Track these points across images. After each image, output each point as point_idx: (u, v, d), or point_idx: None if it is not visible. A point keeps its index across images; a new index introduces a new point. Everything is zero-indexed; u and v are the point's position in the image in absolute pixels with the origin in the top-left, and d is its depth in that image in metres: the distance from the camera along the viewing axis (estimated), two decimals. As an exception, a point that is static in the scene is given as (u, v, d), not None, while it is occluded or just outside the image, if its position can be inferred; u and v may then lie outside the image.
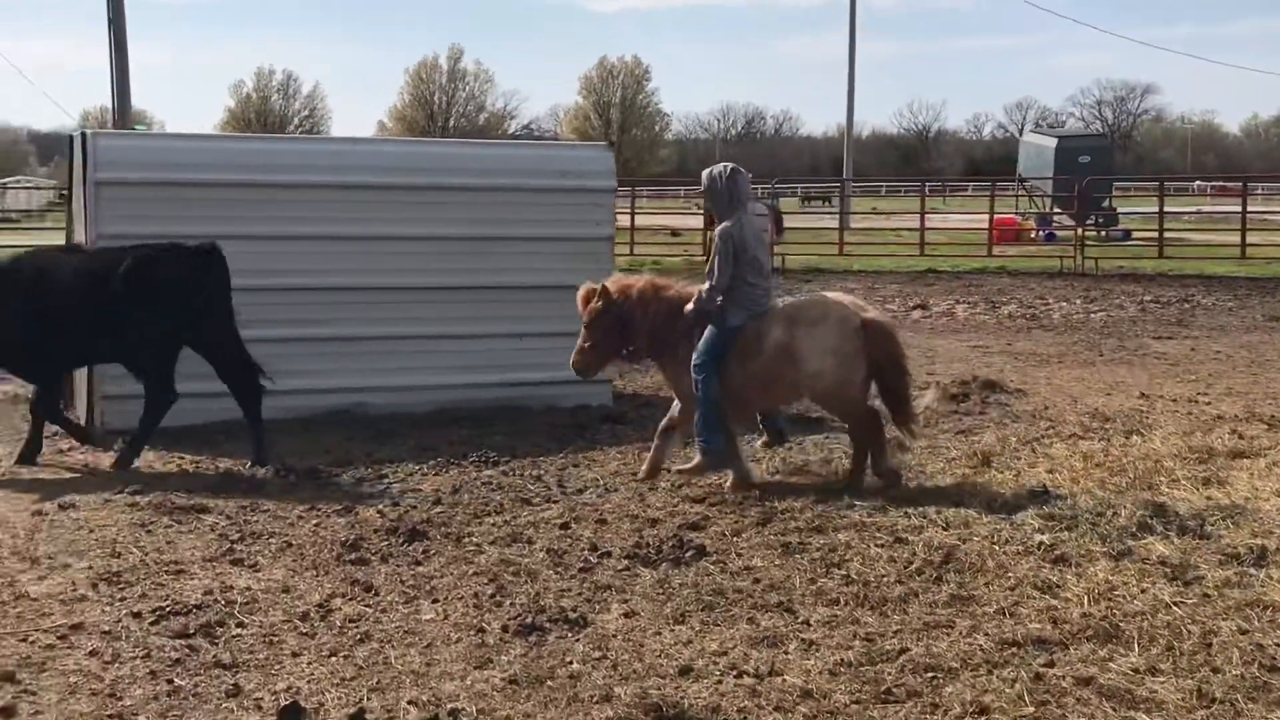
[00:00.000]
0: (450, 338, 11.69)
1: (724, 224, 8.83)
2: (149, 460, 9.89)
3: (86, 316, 9.56)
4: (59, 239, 12.27)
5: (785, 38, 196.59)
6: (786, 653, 5.86)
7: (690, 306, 8.88)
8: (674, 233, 39.43)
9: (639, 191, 51.55)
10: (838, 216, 40.66)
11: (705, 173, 9.10)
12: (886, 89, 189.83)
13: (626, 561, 7.23)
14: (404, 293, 11.61)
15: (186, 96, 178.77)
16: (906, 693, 5.42)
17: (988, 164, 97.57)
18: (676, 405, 9.21)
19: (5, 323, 9.63)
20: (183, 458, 9.99)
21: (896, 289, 25.44)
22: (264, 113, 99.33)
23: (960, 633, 6.07)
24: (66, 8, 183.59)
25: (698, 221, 37.36)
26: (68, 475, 9.52)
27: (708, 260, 9.10)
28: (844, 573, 6.97)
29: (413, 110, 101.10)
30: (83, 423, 10.90)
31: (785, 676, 5.57)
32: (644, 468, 9.22)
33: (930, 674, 5.59)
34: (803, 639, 6.02)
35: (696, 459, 9.09)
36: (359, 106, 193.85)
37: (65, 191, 15.13)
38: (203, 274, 9.79)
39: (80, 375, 11.14)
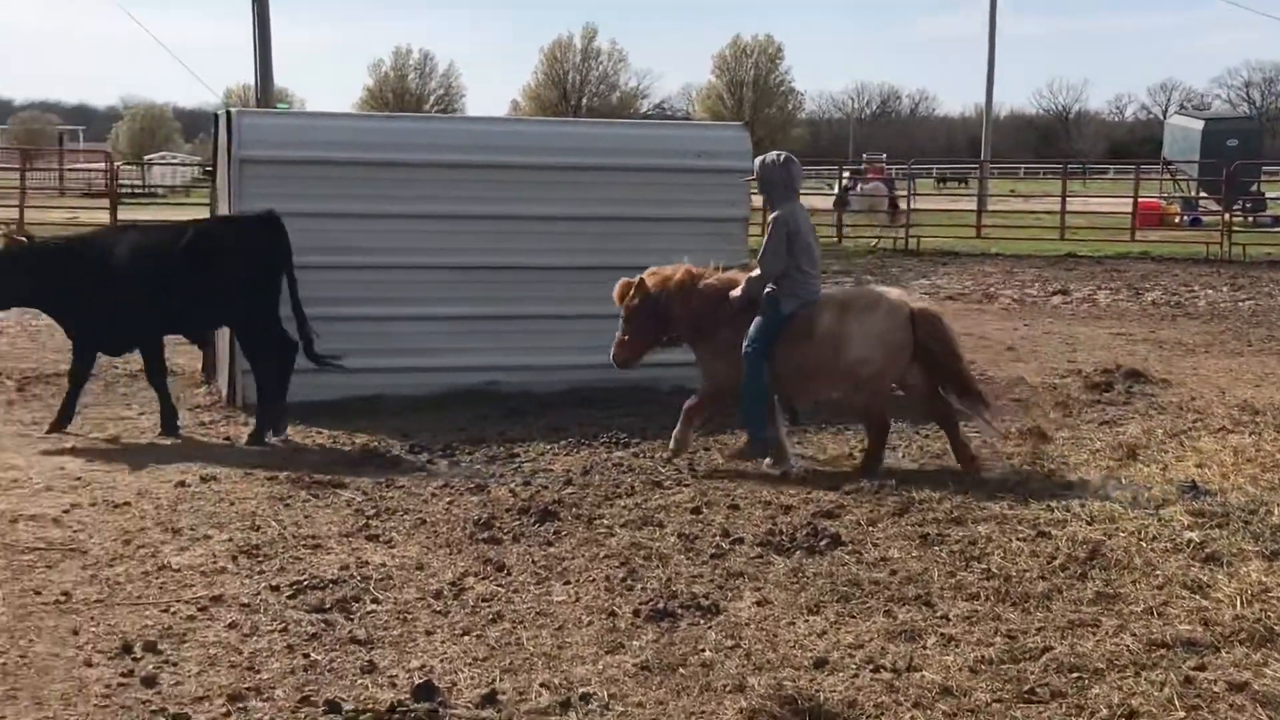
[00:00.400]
0: (583, 318, 11.63)
1: (778, 211, 8.82)
2: (288, 434, 10.03)
3: (156, 289, 9.77)
4: (203, 214, 12.49)
5: (923, 15, 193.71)
6: (925, 648, 5.72)
7: (736, 293, 8.89)
8: (806, 213, 38.98)
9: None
10: (975, 199, 39.96)
11: (758, 160, 9.10)
12: (1026, 68, 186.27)
13: (759, 549, 7.13)
14: (538, 272, 11.62)
15: (326, 75, 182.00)
16: (1050, 693, 5.25)
17: (1130, 146, 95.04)
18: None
19: (83, 296, 9.84)
20: (320, 432, 10.12)
21: (1035, 273, 24.89)
22: (401, 91, 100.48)
23: (1106, 632, 5.87)
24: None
25: (825, 202, 37.01)
26: (210, 447, 9.69)
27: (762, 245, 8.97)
28: (984, 566, 6.79)
29: (546, 89, 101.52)
30: (224, 396, 11.11)
31: (924, 672, 5.44)
32: (671, 446, 9.17)
33: (1075, 674, 5.41)
34: (942, 634, 5.87)
35: (742, 442, 9.09)
36: (493, 85, 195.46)
37: (209, 168, 15.46)
38: (265, 243, 9.95)
39: (223, 349, 11.35)
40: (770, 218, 8.92)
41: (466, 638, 5.85)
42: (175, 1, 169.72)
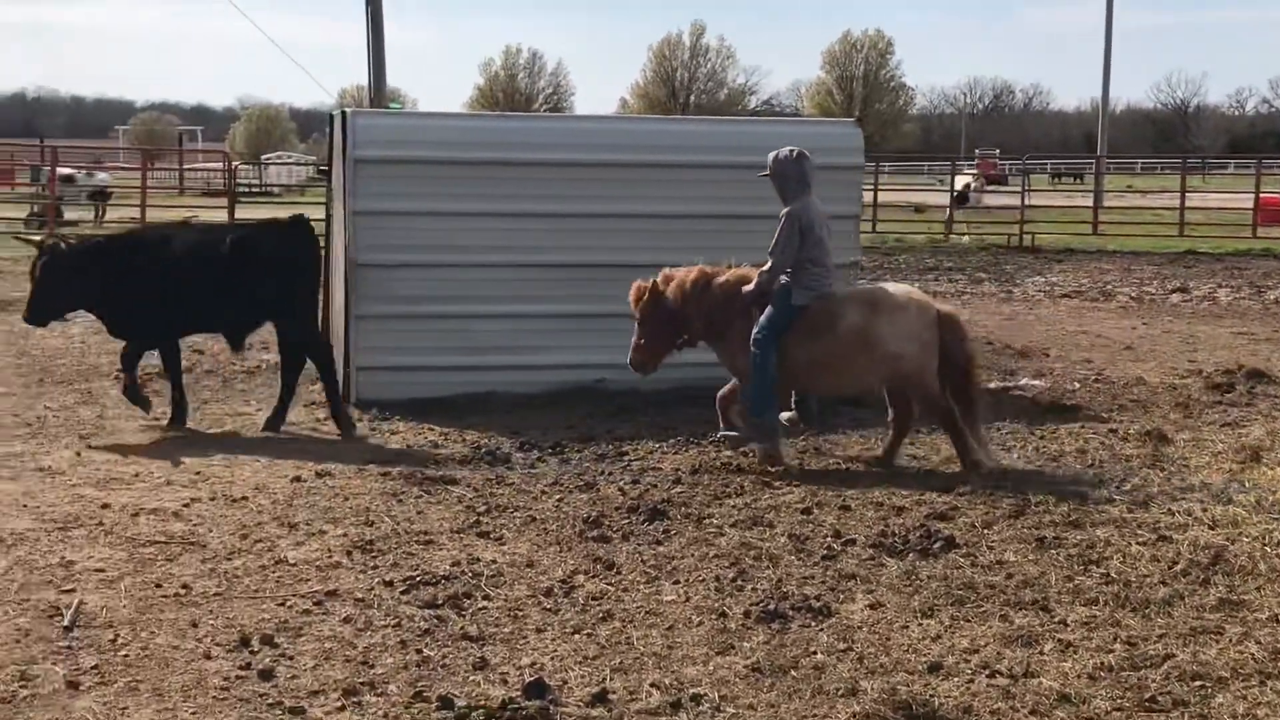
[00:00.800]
0: (694, 316, 11.63)
1: (791, 206, 8.89)
2: (400, 431, 10.15)
3: (196, 286, 10.00)
4: (318, 213, 12.68)
5: (1036, 8, 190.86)
6: (1042, 653, 5.61)
7: (749, 287, 8.98)
8: (918, 209, 38.61)
9: (881, 167, 50.64)
10: (1091, 195, 39.23)
11: (771, 155, 9.15)
12: (1144, 61, 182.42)
13: (871, 550, 7.05)
14: (649, 270, 11.57)
15: (437, 75, 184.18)
16: (1172, 701, 5.13)
17: (1251, 141, 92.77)
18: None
19: (128, 290, 10.03)
20: (432, 429, 10.22)
21: (1154, 270, 24.37)
22: (511, 90, 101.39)
23: (1230, 640, 5.71)
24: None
25: (942, 198, 36.60)
26: (325, 443, 9.82)
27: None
28: (1103, 571, 6.65)
29: (655, 87, 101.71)
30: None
31: (1041, 678, 5.33)
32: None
33: (1198, 682, 5.28)
34: (1059, 639, 5.76)
35: (747, 431, 9.07)
36: (601, 84, 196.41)
37: (324, 167, 15.69)
38: (295, 247, 10.20)
39: (337, 347, 11.52)
40: (783, 212, 8.96)
41: (577, 636, 5.86)
42: (291, 3, 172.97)
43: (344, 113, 11.52)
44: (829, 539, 7.25)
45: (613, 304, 11.49)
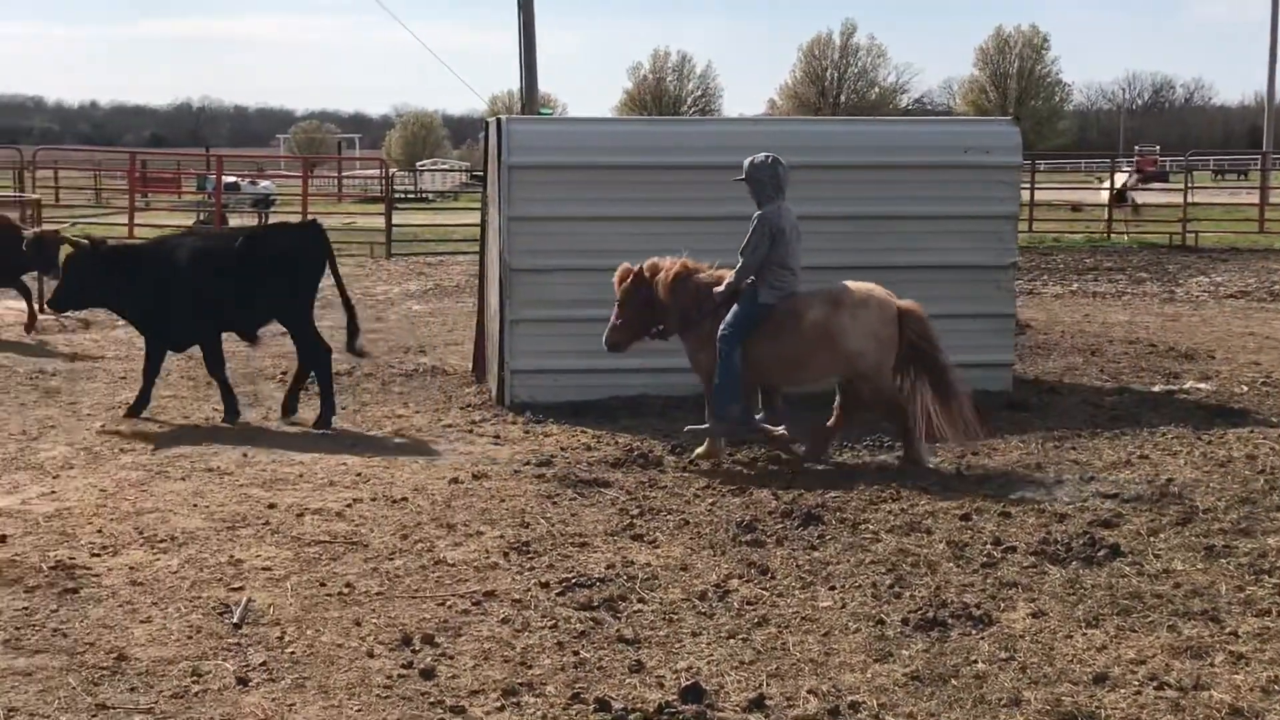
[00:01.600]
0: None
1: (764, 209, 9.18)
2: (553, 433, 10.24)
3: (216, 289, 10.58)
4: (472, 219, 12.88)
5: (1199, 2, 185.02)
6: (1213, 665, 5.44)
7: (720, 289, 9.27)
8: (1075, 208, 37.70)
9: (1037, 165, 49.63)
10: (1257, 191, 37.88)
11: (748, 160, 9.41)
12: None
13: (1033, 558, 6.91)
14: (804, 272, 11.51)
15: (585, 78, 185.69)
16: (1354, 720, 4.93)
17: None
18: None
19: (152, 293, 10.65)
20: (585, 431, 10.29)
21: (1325, 270, 23.45)
22: (659, 94, 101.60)
23: None
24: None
25: (1100, 196, 35.69)
26: (479, 444, 9.95)
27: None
28: (1275, 581, 6.42)
29: (804, 87, 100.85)
30: (494, 395, 11.42)
31: (1212, 691, 5.17)
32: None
33: (1381, 700, 5.06)
34: (1230, 651, 5.57)
35: (710, 424, 9.30)
36: (750, 85, 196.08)
37: (477, 173, 15.93)
38: (305, 248, 10.75)
39: (491, 350, 11.68)
40: (755, 215, 9.23)
41: (732, 640, 5.85)
42: (444, 12, 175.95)
43: (499, 120, 11.67)
44: (989, 546, 7.12)
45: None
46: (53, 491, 8.39)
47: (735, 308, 9.17)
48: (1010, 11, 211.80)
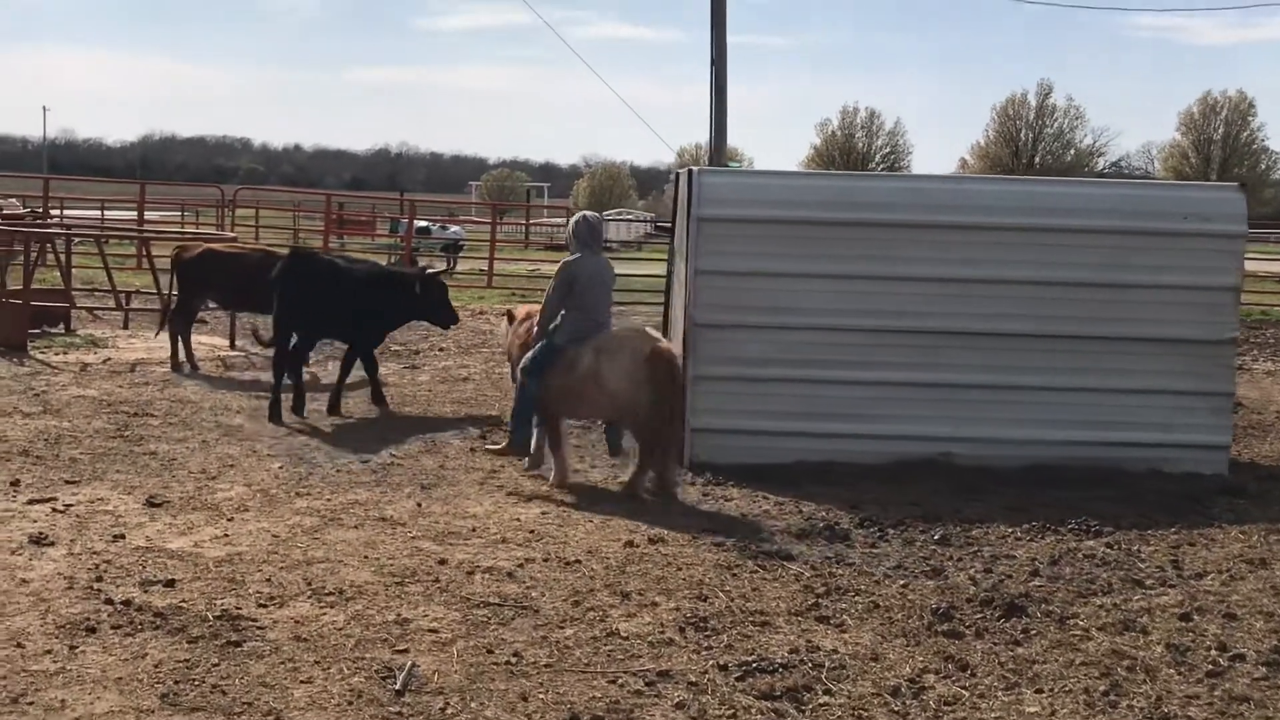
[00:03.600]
0: (1050, 389, 10.87)
1: (568, 259, 10.11)
2: (734, 497, 9.80)
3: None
4: (654, 270, 12.61)
5: None
6: None
7: (532, 325, 10.53)
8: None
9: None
10: None
11: (571, 218, 10.61)
12: None
13: (1264, 668, 6.22)
14: (1002, 339, 10.92)
15: (772, 133, 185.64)
16: None
17: None
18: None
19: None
20: (766, 497, 9.83)
21: None
22: (847, 150, 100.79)
23: None
24: (668, 49, 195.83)
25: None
26: (655, 505, 9.55)
27: None
28: None
29: (996, 147, 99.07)
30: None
31: None
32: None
33: None
34: None
35: (506, 443, 10.61)
36: (939, 143, 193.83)
37: (662, 224, 15.69)
38: (283, 274, 12.57)
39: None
40: (559, 264, 10.23)
41: (928, 745, 5.32)
42: (637, 66, 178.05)
43: (690, 171, 11.35)
44: (1213, 651, 6.44)
45: (961, 373, 10.93)
46: (225, 534, 8.26)
47: (538, 345, 10.21)
48: (1216, 76, 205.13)
